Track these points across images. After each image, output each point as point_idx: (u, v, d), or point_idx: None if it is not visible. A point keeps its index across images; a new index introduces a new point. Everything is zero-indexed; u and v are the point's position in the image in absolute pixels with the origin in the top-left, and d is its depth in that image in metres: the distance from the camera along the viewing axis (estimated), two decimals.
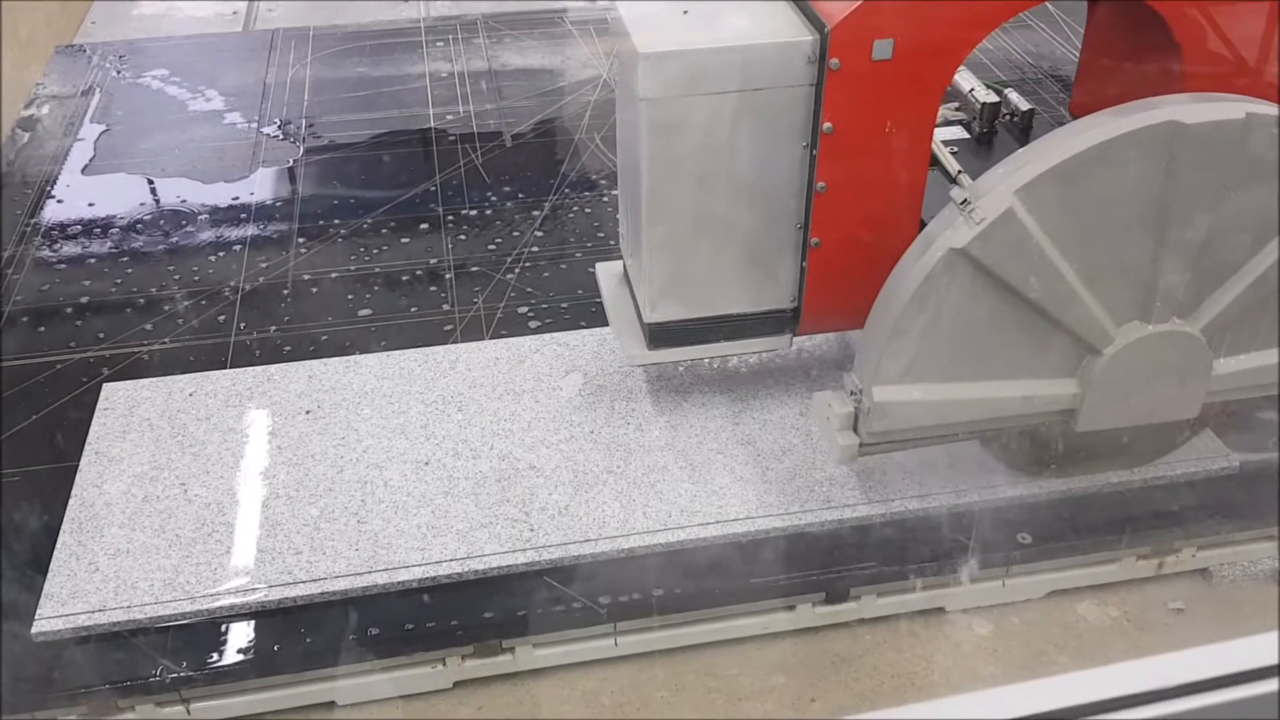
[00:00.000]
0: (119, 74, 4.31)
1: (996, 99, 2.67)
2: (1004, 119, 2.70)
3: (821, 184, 2.20)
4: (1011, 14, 2.18)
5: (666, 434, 2.55)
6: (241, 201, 3.50)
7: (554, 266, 3.17)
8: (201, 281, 3.15)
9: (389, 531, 2.32)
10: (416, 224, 3.38)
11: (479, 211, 3.42)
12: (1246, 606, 2.38)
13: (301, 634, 2.17)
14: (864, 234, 2.27)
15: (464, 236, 3.31)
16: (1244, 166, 1.98)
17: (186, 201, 3.51)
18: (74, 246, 3.31)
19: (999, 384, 2.15)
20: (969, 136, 2.68)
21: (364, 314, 3.00)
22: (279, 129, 3.90)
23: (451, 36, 4.54)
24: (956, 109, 2.74)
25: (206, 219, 3.42)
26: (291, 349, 2.88)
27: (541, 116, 3.94)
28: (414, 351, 2.82)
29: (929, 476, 2.42)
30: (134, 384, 2.73)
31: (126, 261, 3.24)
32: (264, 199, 3.52)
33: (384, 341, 2.89)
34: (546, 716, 2.20)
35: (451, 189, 3.54)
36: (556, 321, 2.94)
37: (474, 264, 3.19)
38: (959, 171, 2.14)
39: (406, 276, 3.15)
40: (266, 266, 3.20)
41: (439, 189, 3.53)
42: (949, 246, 1.97)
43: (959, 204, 1.99)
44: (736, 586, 2.27)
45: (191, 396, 2.69)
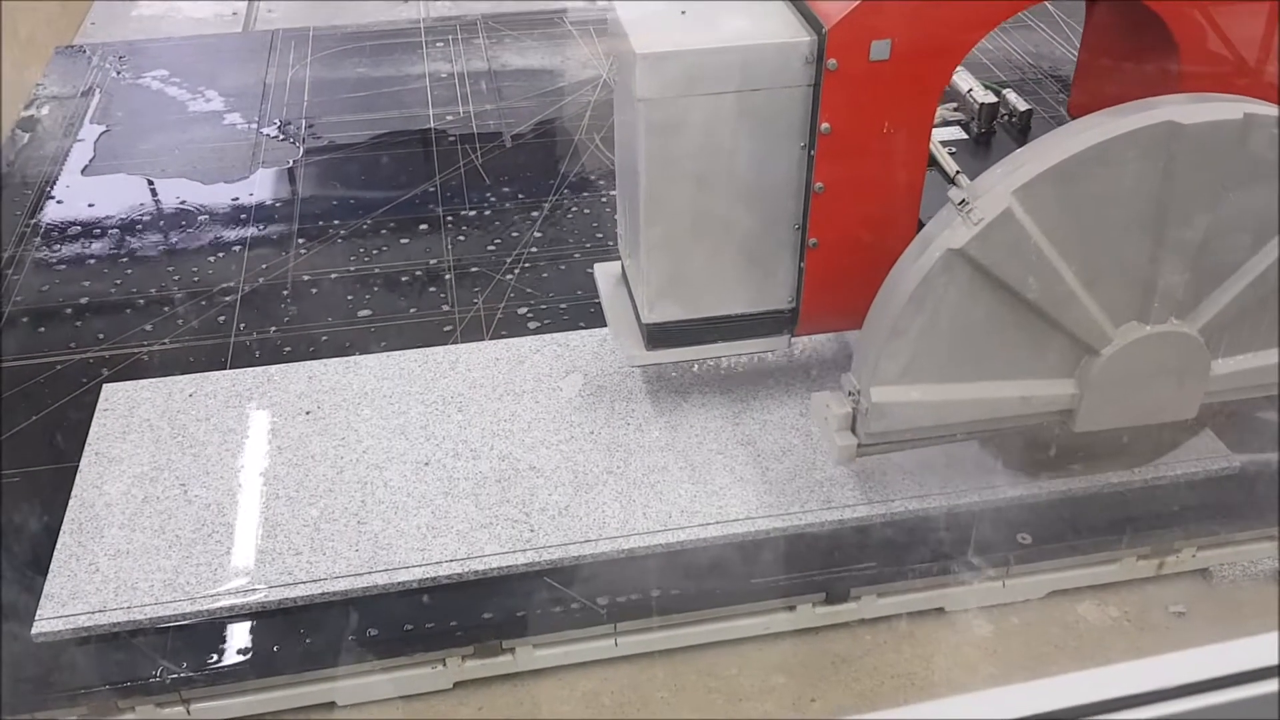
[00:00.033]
0: (119, 75, 4.31)
1: (995, 99, 2.67)
2: (1002, 119, 2.70)
3: (819, 184, 2.20)
4: (1009, 14, 2.18)
5: (666, 434, 2.55)
6: (241, 202, 3.50)
7: (554, 267, 3.17)
8: (201, 282, 3.15)
9: (389, 532, 2.32)
10: (416, 224, 3.38)
11: (479, 212, 3.42)
12: (1247, 607, 2.39)
13: (301, 634, 2.18)
14: (862, 234, 2.27)
15: (463, 237, 3.31)
16: (1242, 167, 1.98)
17: (186, 202, 3.51)
18: (74, 247, 3.31)
19: (997, 384, 2.15)
20: (967, 137, 2.68)
21: (364, 314, 3.00)
22: (279, 130, 3.90)
23: (451, 37, 4.54)
24: (955, 109, 2.74)
25: (206, 220, 3.42)
26: (291, 350, 2.88)
27: (541, 117, 3.94)
28: (414, 352, 2.82)
29: (929, 477, 2.42)
30: (134, 385, 2.73)
31: (126, 262, 3.24)
32: (264, 199, 3.52)
33: (384, 342, 2.89)
34: (547, 717, 2.20)
35: (451, 189, 3.54)
36: (556, 322, 2.94)
37: (474, 264, 3.19)
38: (957, 172, 2.14)
39: (406, 277, 3.15)
40: (266, 267, 3.20)
41: (439, 189, 3.53)
42: (947, 247, 1.97)
43: (957, 204, 1.99)
44: (737, 587, 2.27)
45: (191, 397, 2.69)
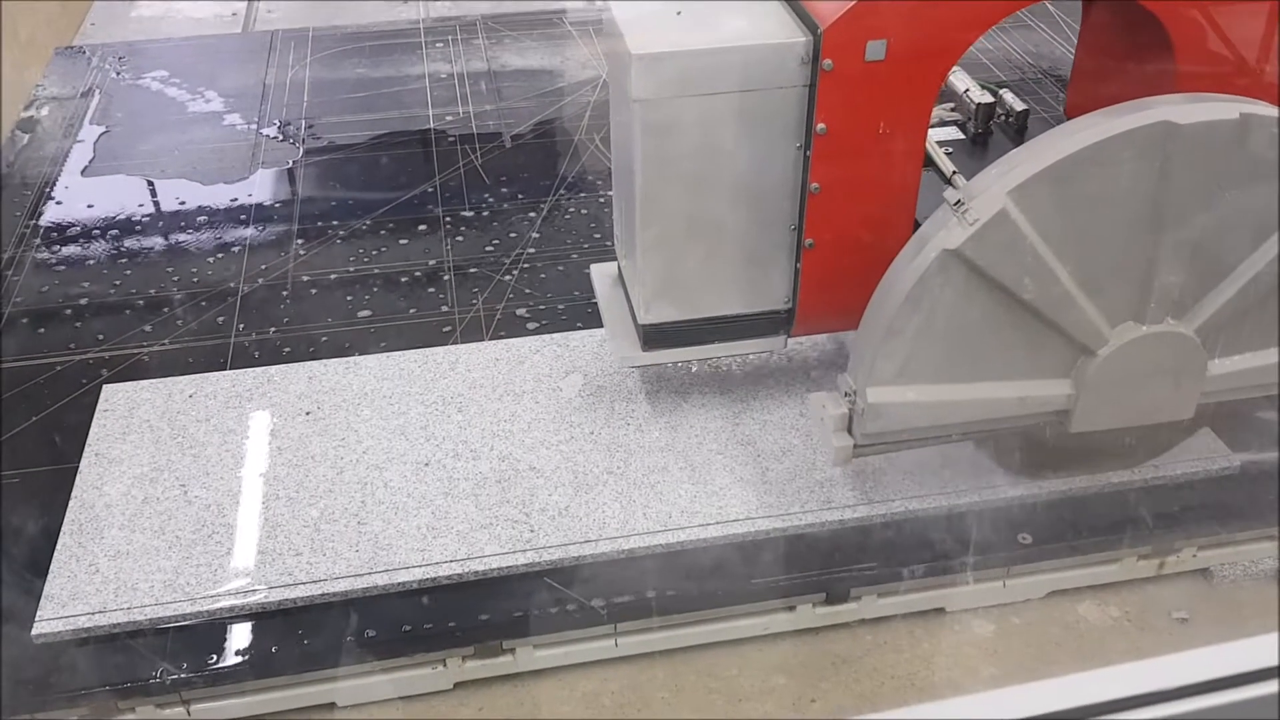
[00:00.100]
0: (118, 75, 4.31)
1: (991, 99, 2.67)
2: (999, 119, 2.70)
3: (815, 185, 2.20)
4: (1005, 14, 2.18)
5: (666, 435, 2.55)
6: (241, 203, 3.50)
7: (553, 268, 3.17)
8: (201, 283, 3.15)
9: (389, 533, 2.32)
10: (416, 225, 3.37)
11: (478, 212, 3.42)
12: (1247, 607, 2.38)
13: (302, 635, 2.18)
14: (858, 235, 2.27)
15: (463, 238, 3.31)
16: (1238, 167, 1.98)
17: (186, 203, 3.51)
18: (73, 248, 3.31)
19: (993, 385, 2.15)
20: (964, 137, 2.67)
21: (363, 315, 3.00)
22: (278, 130, 3.90)
23: (451, 37, 4.54)
24: (952, 109, 2.73)
25: (206, 220, 3.42)
26: (291, 350, 2.88)
27: (541, 117, 3.94)
28: (414, 353, 2.82)
29: (929, 477, 2.42)
30: (134, 385, 2.73)
31: (126, 263, 3.24)
32: (263, 200, 3.52)
33: (383, 343, 2.88)
34: (547, 717, 2.20)
35: (451, 190, 3.53)
36: (556, 323, 2.94)
37: (473, 265, 3.19)
38: (953, 172, 2.14)
39: (406, 278, 3.15)
40: (266, 268, 3.20)
41: (438, 190, 3.53)
42: (942, 247, 1.97)
43: (952, 205, 1.98)
44: (737, 587, 2.27)
45: (191, 398, 2.69)
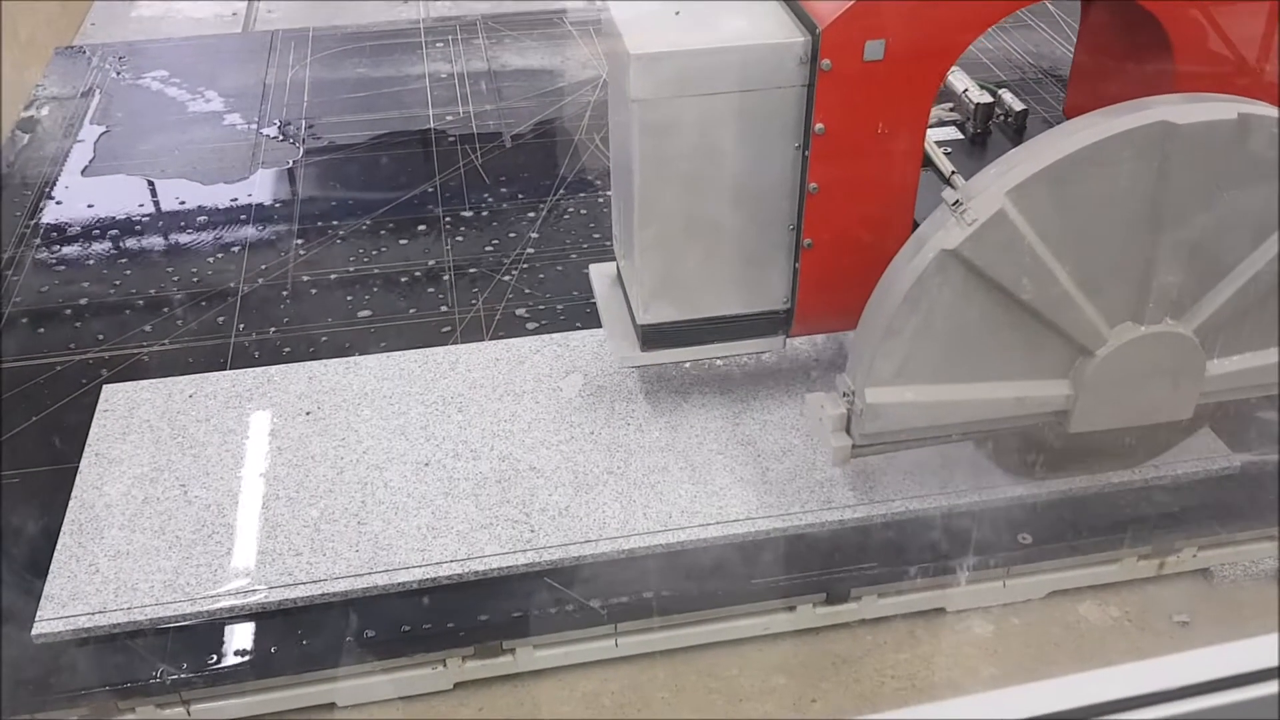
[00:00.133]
0: (119, 75, 4.31)
1: (990, 99, 2.67)
2: (998, 119, 2.70)
3: (814, 185, 2.20)
4: (1003, 14, 2.17)
5: (667, 435, 2.55)
6: (241, 203, 3.50)
7: (553, 268, 3.17)
8: (201, 283, 3.14)
9: (389, 533, 2.32)
10: (416, 225, 3.37)
11: (478, 212, 3.42)
12: (1248, 607, 2.38)
13: (302, 635, 2.17)
14: (856, 235, 2.27)
15: (463, 238, 3.31)
16: (1236, 167, 1.98)
17: (186, 203, 3.51)
18: (73, 248, 3.31)
19: (992, 385, 2.15)
20: (963, 137, 2.67)
21: (363, 315, 3.00)
22: (278, 130, 3.90)
23: (451, 37, 4.54)
24: (951, 109, 2.73)
25: (206, 220, 3.42)
26: (291, 350, 2.88)
27: (541, 117, 3.94)
28: (414, 353, 2.82)
29: (929, 477, 2.42)
30: (134, 385, 2.73)
31: (126, 263, 3.24)
32: (263, 200, 3.51)
33: (383, 343, 2.88)
34: (547, 717, 2.20)
35: (451, 190, 3.53)
36: (555, 323, 2.94)
37: (473, 265, 3.19)
38: (952, 172, 2.14)
39: (406, 278, 3.15)
40: (266, 268, 3.20)
41: (438, 190, 3.53)
42: (941, 248, 1.96)
43: (951, 205, 1.98)
44: (737, 587, 2.27)
45: (191, 398, 2.69)
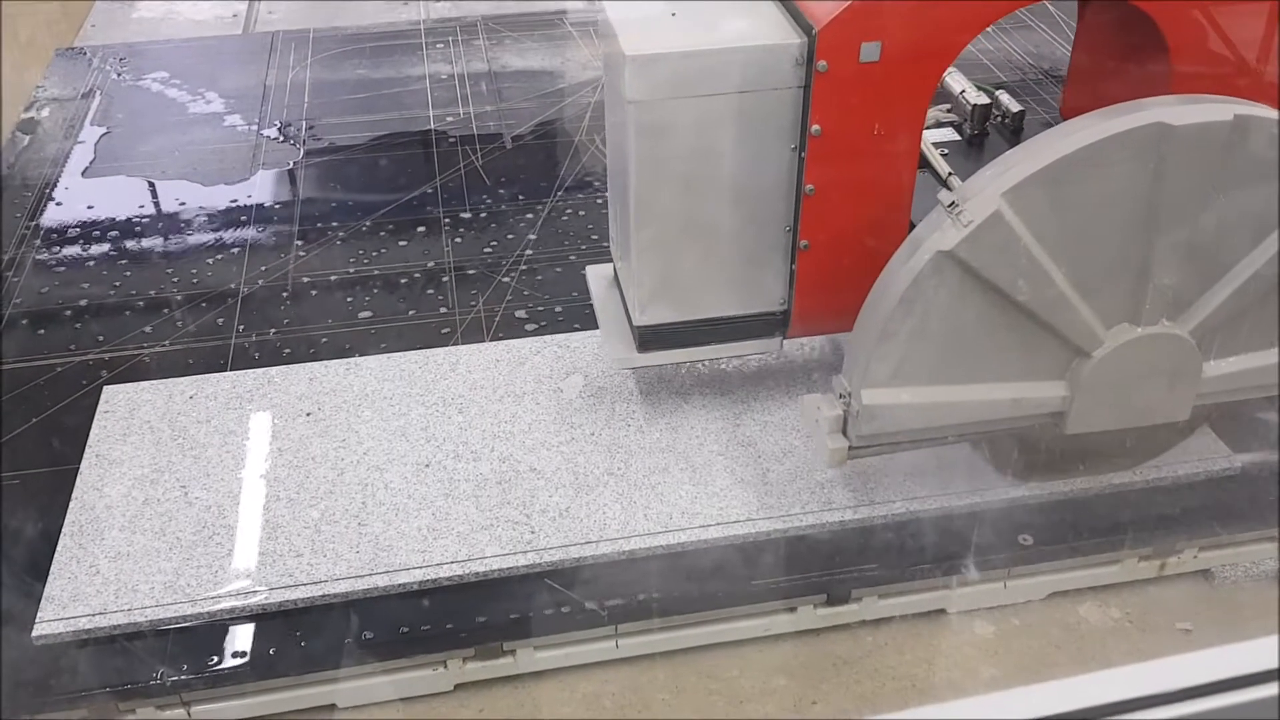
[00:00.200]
0: (119, 77, 4.31)
1: (987, 101, 2.67)
2: (995, 120, 2.70)
3: (810, 186, 2.20)
4: (1000, 15, 2.17)
5: (667, 436, 2.55)
6: (241, 204, 3.50)
7: (553, 269, 3.17)
8: (201, 284, 3.14)
9: (389, 534, 2.32)
10: (416, 226, 3.37)
11: (479, 214, 3.42)
12: (1248, 609, 2.38)
13: (302, 637, 2.17)
14: (853, 236, 2.26)
15: (462, 239, 3.31)
16: (1232, 168, 1.97)
17: (186, 204, 3.51)
18: (74, 249, 3.31)
19: (988, 387, 2.14)
20: (960, 138, 2.67)
21: (364, 316, 3.00)
22: (279, 131, 3.90)
23: (451, 38, 4.54)
24: (948, 110, 2.73)
25: (206, 221, 3.42)
26: (291, 351, 2.88)
27: (541, 118, 3.94)
28: (414, 354, 2.82)
29: (930, 478, 2.42)
30: (134, 387, 2.73)
31: (126, 264, 3.24)
32: (264, 201, 3.51)
33: (383, 344, 2.88)
34: (547, 718, 2.19)
35: (451, 191, 3.53)
36: (556, 324, 2.94)
37: (473, 266, 3.19)
38: (949, 173, 2.14)
39: (406, 279, 3.15)
40: (266, 269, 3.20)
41: (438, 191, 3.53)
42: (936, 249, 1.96)
43: (947, 206, 1.98)
44: (738, 588, 2.26)
45: (192, 399, 2.69)
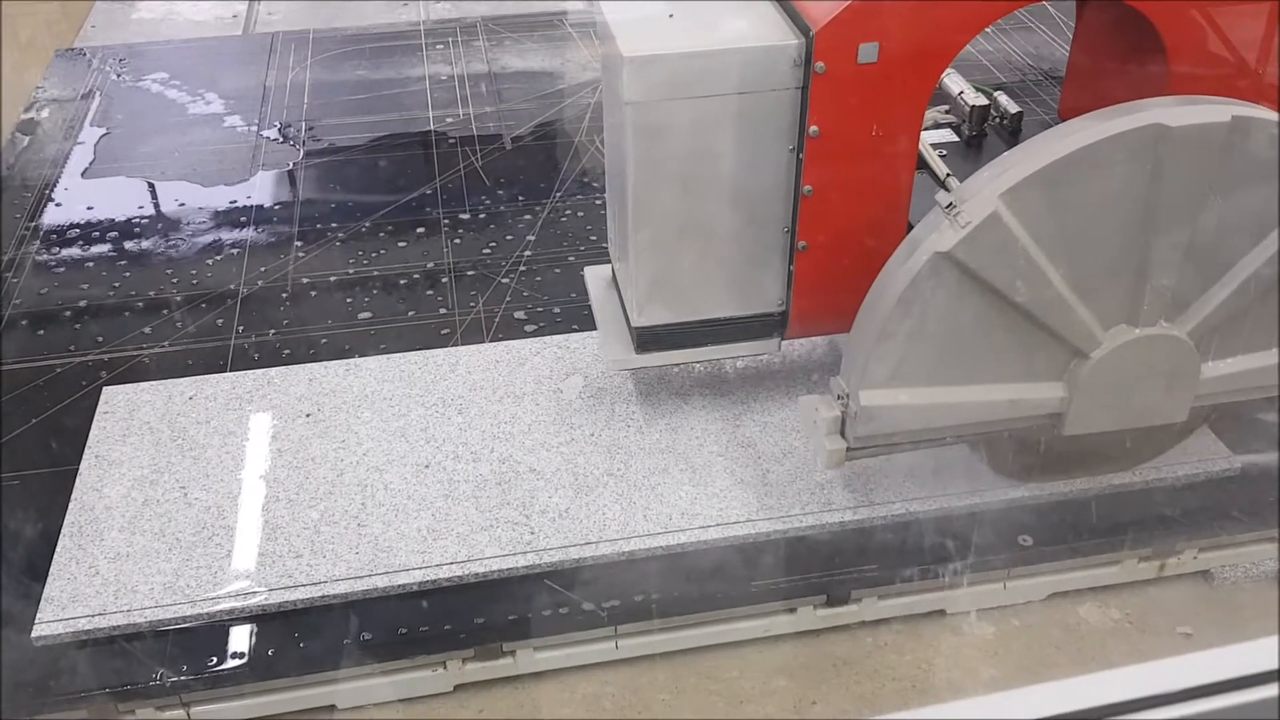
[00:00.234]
0: (119, 77, 4.31)
1: (986, 102, 2.67)
2: (993, 122, 2.70)
3: (808, 187, 2.19)
4: (998, 16, 2.17)
5: (667, 436, 2.55)
6: (241, 205, 3.50)
7: (553, 270, 3.17)
8: (201, 285, 3.14)
9: (389, 535, 2.32)
10: (415, 227, 3.37)
11: (478, 214, 3.42)
12: (1248, 609, 2.38)
13: (302, 638, 2.17)
14: (851, 237, 2.26)
15: (461, 240, 3.31)
16: (1229, 169, 1.97)
17: (186, 205, 3.51)
18: (73, 250, 3.31)
19: (986, 388, 2.14)
20: (958, 139, 2.67)
21: (363, 317, 3.00)
22: (279, 132, 3.90)
23: (451, 39, 4.54)
24: (946, 111, 2.73)
25: (206, 222, 3.42)
26: (291, 352, 2.88)
27: (541, 119, 3.94)
28: (414, 354, 2.82)
29: (930, 479, 2.42)
30: (134, 387, 2.73)
31: (126, 265, 3.24)
32: (263, 202, 3.51)
33: (383, 345, 2.88)
34: (547, 719, 2.19)
35: (450, 192, 3.53)
36: (555, 325, 2.94)
37: (473, 267, 3.19)
38: (947, 174, 2.14)
39: (405, 280, 3.15)
40: (266, 270, 3.20)
41: (438, 192, 3.53)
42: (934, 250, 1.96)
43: (945, 207, 1.98)
44: (737, 589, 2.26)
45: (191, 400, 2.69)
